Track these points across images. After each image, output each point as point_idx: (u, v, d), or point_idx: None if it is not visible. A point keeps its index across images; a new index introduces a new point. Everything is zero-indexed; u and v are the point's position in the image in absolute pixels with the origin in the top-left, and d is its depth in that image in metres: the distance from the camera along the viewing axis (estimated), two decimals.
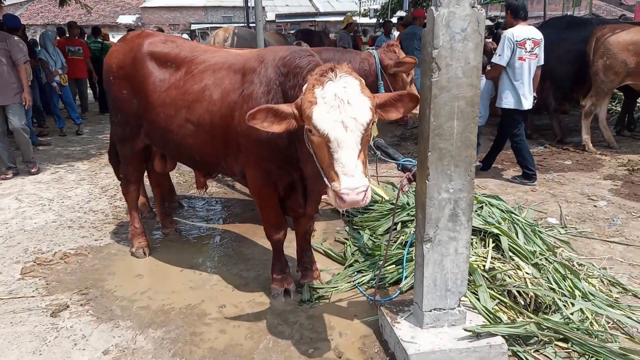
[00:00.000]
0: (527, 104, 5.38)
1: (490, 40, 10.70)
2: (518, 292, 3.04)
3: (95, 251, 4.17)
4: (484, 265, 3.24)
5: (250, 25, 12.62)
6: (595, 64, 6.74)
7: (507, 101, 5.42)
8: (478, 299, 2.97)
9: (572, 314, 2.88)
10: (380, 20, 20.55)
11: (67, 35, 10.52)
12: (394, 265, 3.52)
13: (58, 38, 9.71)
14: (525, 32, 5.28)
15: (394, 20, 14.26)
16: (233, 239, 4.40)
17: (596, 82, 6.82)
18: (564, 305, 2.94)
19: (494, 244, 3.45)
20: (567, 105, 9.02)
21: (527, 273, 3.19)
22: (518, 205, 4.58)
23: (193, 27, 32.46)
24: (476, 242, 3.47)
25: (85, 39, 12.20)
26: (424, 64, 2.46)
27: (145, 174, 4.33)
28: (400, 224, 3.99)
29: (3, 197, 5.63)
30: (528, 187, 5.52)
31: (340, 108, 2.25)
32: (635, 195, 5.13)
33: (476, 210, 3.87)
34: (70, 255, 4.06)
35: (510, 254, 3.36)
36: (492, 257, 3.32)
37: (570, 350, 2.66)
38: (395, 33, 11.50)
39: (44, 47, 8.74)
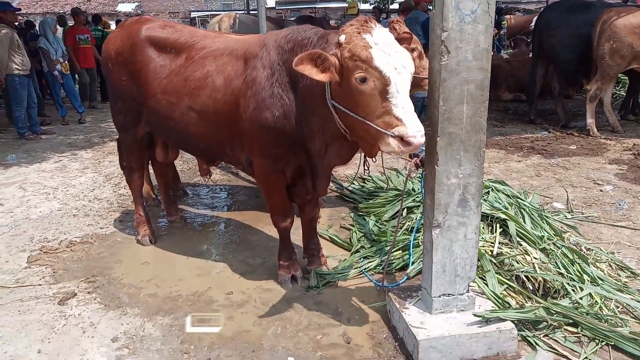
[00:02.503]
0: None
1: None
2: (526, 277, 3.03)
3: (101, 239, 4.16)
4: (491, 251, 3.23)
5: (251, 12, 12.56)
6: (601, 48, 6.66)
7: None
8: (486, 284, 2.96)
9: (581, 298, 2.87)
10: (382, 6, 20.36)
11: (74, 23, 10.12)
12: (400, 251, 3.51)
13: (57, 26, 9.56)
14: None
15: (395, 6, 14.12)
16: (238, 226, 4.39)
17: (602, 66, 6.75)
18: (573, 290, 2.93)
19: (501, 229, 3.43)
20: (570, 90, 8.97)
21: (535, 258, 3.18)
22: (523, 191, 4.55)
23: (193, 14, 32.20)
24: (483, 228, 3.46)
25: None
26: (432, 47, 2.41)
27: (150, 162, 4.31)
28: (406, 209, 3.97)
29: (7, 186, 5.62)
30: (533, 172, 5.49)
31: (392, 56, 2.29)
32: None
33: (483, 196, 3.85)
34: (76, 244, 4.06)
35: (518, 239, 3.34)
36: (499, 243, 3.31)
37: (580, 334, 2.66)
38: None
39: (44, 36, 8.61)
